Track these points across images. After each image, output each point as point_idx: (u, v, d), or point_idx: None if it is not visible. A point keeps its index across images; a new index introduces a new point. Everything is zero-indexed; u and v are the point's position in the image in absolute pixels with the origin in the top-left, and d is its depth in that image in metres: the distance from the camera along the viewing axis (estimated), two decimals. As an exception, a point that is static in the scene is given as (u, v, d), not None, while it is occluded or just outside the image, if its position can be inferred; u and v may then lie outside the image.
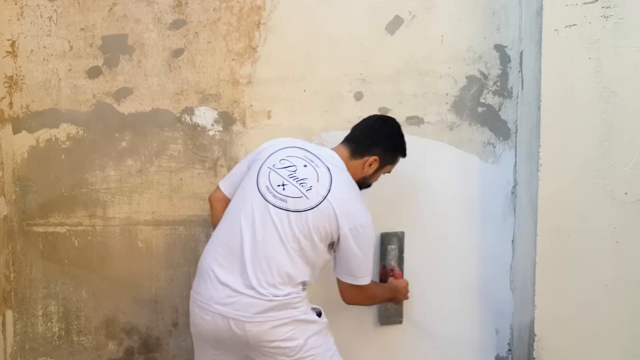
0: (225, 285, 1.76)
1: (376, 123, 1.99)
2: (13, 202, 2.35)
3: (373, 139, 1.94)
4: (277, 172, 1.82)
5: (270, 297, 1.73)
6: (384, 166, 1.97)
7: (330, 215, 1.76)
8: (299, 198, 1.77)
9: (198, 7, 2.26)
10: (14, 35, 2.30)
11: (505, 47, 2.22)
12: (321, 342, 1.81)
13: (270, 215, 1.76)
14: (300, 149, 1.89)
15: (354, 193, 1.85)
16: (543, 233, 1.98)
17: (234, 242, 1.78)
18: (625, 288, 1.97)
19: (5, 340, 2.37)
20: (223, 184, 1.99)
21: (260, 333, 1.73)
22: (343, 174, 1.86)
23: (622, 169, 1.95)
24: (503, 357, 2.31)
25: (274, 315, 1.74)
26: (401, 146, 2.00)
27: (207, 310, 1.78)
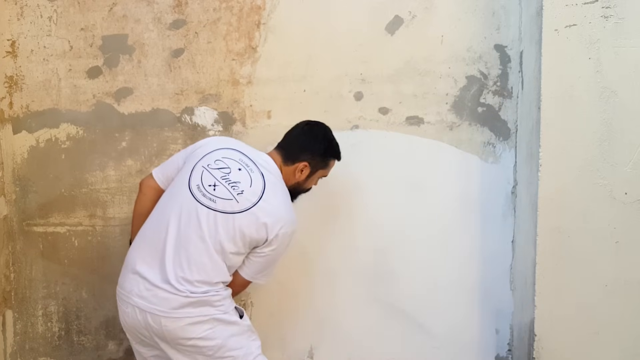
0: (144, 278, 1.76)
1: (303, 129, 1.98)
2: (13, 202, 2.35)
3: (300, 145, 1.93)
4: (210, 172, 1.82)
5: (187, 294, 1.72)
6: (316, 171, 1.96)
7: (258, 222, 1.76)
8: (228, 200, 1.77)
9: (198, 7, 2.26)
10: (14, 35, 2.30)
11: (505, 47, 2.22)
12: (242, 345, 1.80)
13: (197, 213, 1.76)
14: (237, 151, 1.88)
15: (285, 201, 1.84)
16: (543, 233, 1.98)
17: (159, 238, 1.78)
18: (625, 288, 1.97)
19: (5, 340, 2.37)
20: (157, 173, 1.96)
21: (177, 329, 1.73)
22: (276, 180, 1.86)
23: (622, 169, 1.94)
24: (503, 357, 2.31)
25: (191, 312, 1.73)
26: (331, 150, 1.97)
27: (127, 303, 1.78)
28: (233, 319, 1.80)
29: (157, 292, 1.73)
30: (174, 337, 1.74)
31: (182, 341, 1.74)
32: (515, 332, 2.25)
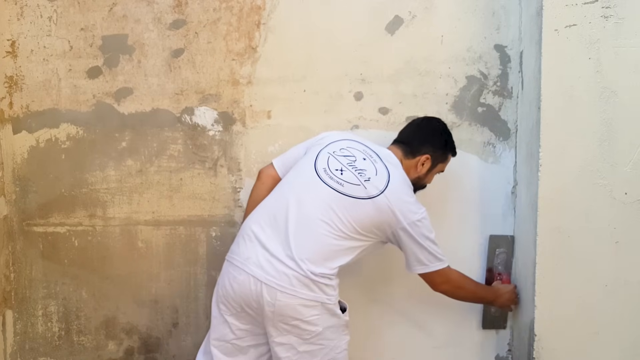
0: (265, 249, 1.77)
1: (422, 123, 2.06)
2: (13, 202, 2.35)
3: (421, 138, 1.99)
4: (337, 158, 1.86)
5: (305, 273, 1.73)
6: (436, 165, 2.02)
7: (387, 210, 1.80)
8: (356, 185, 1.81)
9: (198, 7, 2.26)
10: (14, 35, 2.30)
11: (505, 47, 2.22)
12: (335, 337, 1.84)
13: (324, 194, 1.79)
14: (360, 143, 1.95)
15: (409, 190, 1.90)
16: (543, 233, 1.98)
17: (281, 212, 1.80)
18: (625, 288, 1.97)
19: (5, 340, 2.37)
20: (277, 162, 2.02)
21: (289, 306, 1.74)
22: (399, 171, 1.91)
23: (622, 169, 1.94)
24: (503, 357, 2.31)
25: (306, 294, 1.75)
26: (450, 143, 2.05)
27: (241, 270, 1.78)
28: (337, 311, 1.84)
29: (278, 265, 1.74)
30: (282, 313, 1.75)
31: (288, 319, 1.76)
32: (515, 332, 2.25)
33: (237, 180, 2.31)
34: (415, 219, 1.83)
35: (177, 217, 2.33)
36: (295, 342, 1.78)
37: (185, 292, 2.35)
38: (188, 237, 2.34)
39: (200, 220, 2.33)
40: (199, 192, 2.32)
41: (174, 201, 2.32)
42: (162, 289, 2.35)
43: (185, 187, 2.32)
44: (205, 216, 2.32)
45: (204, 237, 2.33)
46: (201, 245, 2.34)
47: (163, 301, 2.36)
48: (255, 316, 1.80)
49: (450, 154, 2.07)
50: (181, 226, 2.33)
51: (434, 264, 1.90)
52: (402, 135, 2.05)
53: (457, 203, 2.27)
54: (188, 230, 2.34)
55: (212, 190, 2.32)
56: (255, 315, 1.80)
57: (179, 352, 2.37)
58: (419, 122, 2.07)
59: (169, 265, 2.34)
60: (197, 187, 2.32)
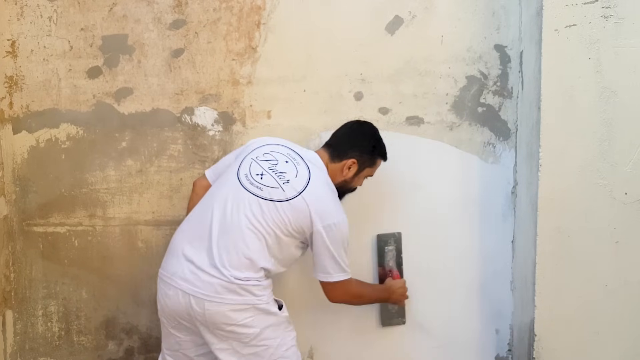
0: (189, 261, 1.80)
1: (352, 127, 2.04)
2: (13, 202, 2.35)
3: (350, 142, 1.99)
4: (258, 163, 1.89)
5: (230, 279, 1.75)
6: (363, 169, 2.01)
7: (304, 211, 1.80)
8: (274, 188, 1.83)
9: (198, 7, 2.26)
10: (14, 35, 2.30)
11: (505, 47, 2.22)
12: (277, 335, 1.84)
13: (244, 200, 1.81)
14: (285, 147, 1.96)
15: (330, 192, 1.89)
16: (543, 233, 1.98)
17: (205, 222, 1.83)
18: (625, 288, 1.97)
19: (5, 340, 2.37)
20: (209, 172, 2.06)
21: (219, 313, 1.76)
22: (322, 174, 1.92)
23: (622, 169, 1.95)
24: (503, 357, 2.31)
25: (234, 299, 1.76)
26: (379, 149, 2.03)
27: (170, 285, 1.81)
28: (273, 310, 1.83)
29: (202, 275, 1.77)
30: (215, 321, 1.76)
31: (222, 326, 1.77)
32: (515, 332, 2.25)
33: (237, 180, 2.30)
34: (331, 222, 1.82)
35: (177, 217, 2.32)
36: (237, 346, 1.79)
37: (185, 292, 2.35)
38: (188, 237, 2.34)
39: (200, 220, 2.33)
40: (199, 192, 2.32)
41: (174, 201, 2.32)
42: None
43: (185, 187, 2.31)
44: (205, 216, 2.32)
45: (204, 237, 2.33)
46: (201, 245, 2.34)
47: (163, 301, 2.36)
48: (192, 327, 1.83)
49: (380, 159, 2.05)
50: (181, 226, 2.33)
51: (337, 275, 1.89)
52: (331, 139, 2.05)
53: (457, 203, 2.27)
54: (188, 230, 2.34)
55: (212, 190, 2.32)
56: (192, 327, 1.83)
57: (179, 352, 2.37)
58: (349, 125, 2.06)
59: (169, 265, 2.34)
60: (197, 187, 2.32)
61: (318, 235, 1.82)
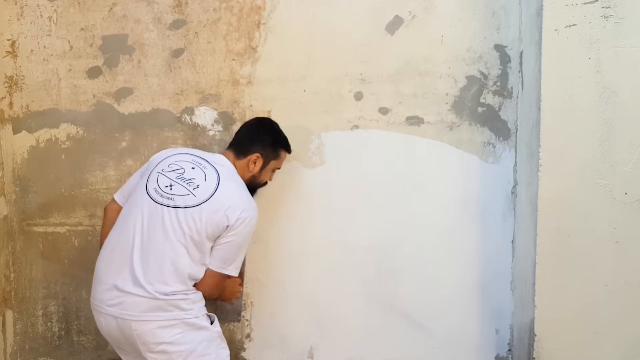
0: (113, 286, 1.79)
1: (251, 124, 2.12)
2: (13, 202, 2.35)
3: (250, 138, 2.05)
4: (165, 175, 1.89)
5: (156, 295, 1.75)
6: (269, 162, 2.07)
7: (218, 210, 1.81)
8: (186, 196, 1.83)
9: (198, 7, 2.26)
10: (14, 35, 2.30)
11: (505, 47, 2.22)
12: (211, 351, 1.83)
13: (159, 214, 1.81)
14: (189, 154, 1.97)
15: (241, 188, 1.93)
16: (543, 233, 1.98)
17: (124, 244, 1.82)
18: (625, 288, 1.96)
19: (5, 340, 2.37)
20: (117, 196, 2.04)
21: (147, 333, 1.75)
22: (230, 172, 1.95)
23: (622, 169, 1.94)
24: (503, 357, 2.31)
25: (161, 315, 1.76)
26: (279, 141, 2.10)
27: (100, 313, 1.82)
28: (203, 324, 1.83)
29: (126, 297, 1.76)
30: (144, 341, 1.76)
31: (152, 346, 1.76)
32: (515, 332, 2.25)
33: (237, 180, 2.31)
34: (244, 216, 1.83)
35: (177, 217, 2.33)
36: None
37: (185, 292, 2.35)
38: (188, 237, 2.34)
39: (200, 220, 2.33)
40: (199, 192, 2.32)
41: (174, 201, 2.32)
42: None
43: (185, 187, 2.31)
44: (205, 216, 2.32)
45: (204, 237, 2.33)
46: (201, 245, 2.34)
47: (163, 301, 2.36)
48: (132, 351, 1.83)
49: (283, 150, 2.11)
50: (181, 226, 2.33)
51: (230, 267, 1.88)
52: (234, 138, 2.09)
53: (457, 203, 2.27)
54: (188, 230, 2.33)
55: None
56: (131, 350, 1.83)
57: (179, 352, 2.37)
58: (249, 123, 2.13)
59: (169, 265, 2.34)
60: (197, 187, 2.32)
61: (229, 229, 1.82)
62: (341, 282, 2.32)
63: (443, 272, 2.30)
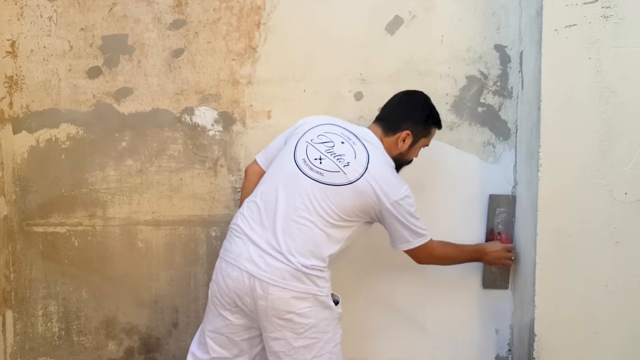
0: (256, 244, 1.79)
1: (402, 98, 2.02)
2: (13, 202, 2.35)
3: (401, 114, 1.97)
4: (315, 147, 1.86)
5: (296, 266, 1.76)
6: (418, 140, 1.99)
7: (369, 191, 1.80)
8: (336, 172, 1.81)
9: (198, 7, 2.26)
10: (14, 35, 2.30)
11: (505, 47, 2.22)
12: (330, 330, 1.84)
13: (306, 186, 1.80)
14: (337, 126, 1.93)
15: (390, 169, 1.89)
16: (543, 233, 1.98)
17: (268, 209, 1.82)
18: (625, 288, 1.97)
19: (5, 340, 2.37)
20: (260, 157, 2.03)
21: (281, 299, 1.76)
22: (379, 151, 1.90)
23: (622, 169, 1.94)
24: (503, 357, 2.31)
25: (298, 287, 1.77)
26: (432, 117, 2.00)
27: (234, 266, 1.80)
28: (330, 304, 1.84)
29: (268, 259, 1.77)
30: (275, 307, 1.77)
31: (281, 313, 1.77)
32: (515, 332, 2.25)
33: (237, 180, 2.31)
34: (398, 198, 1.83)
35: (177, 217, 2.33)
36: (290, 337, 1.80)
37: (185, 292, 2.35)
38: (188, 237, 2.34)
39: (200, 220, 2.33)
40: (199, 192, 2.32)
41: (174, 201, 2.32)
42: (162, 289, 2.36)
43: (185, 187, 2.32)
44: (205, 216, 2.32)
45: (203, 237, 2.33)
46: (201, 245, 2.34)
47: (163, 301, 2.36)
48: (249, 312, 1.82)
49: (434, 128, 2.03)
50: (181, 226, 2.33)
51: (416, 240, 1.91)
52: (382, 112, 2.02)
53: (457, 203, 2.27)
54: (188, 230, 2.34)
55: (212, 190, 2.32)
56: (249, 312, 1.82)
57: (179, 352, 2.37)
58: (399, 97, 2.03)
59: (169, 265, 2.34)
60: (197, 187, 2.32)
61: (387, 212, 1.83)
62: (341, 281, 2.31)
63: (443, 272, 2.30)
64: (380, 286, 2.32)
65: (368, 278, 2.31)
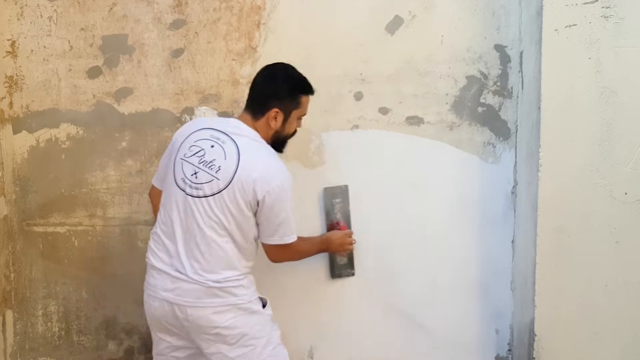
0: (167, 274, 1.81)
1: (262, 76, 1.91)
2: (13, 202, 2.35)
3: (264, 93, 1.88)
4: (188, 161, 1.83)
5: (207, 284, 1.77)
6: (290, 113, 1.89)
7: (245, 186, 1.75)
8: (211, 182, 1.78)
9: (198, 7, 2.26)
10: (14, 35, 2.30)
11: (505, 47, 2.22)
12: (263, 335, 1.84)
13: (192, 206, 1.79)
14: (206, 129, 1.86)
15: (265, 157, 1.82)
16: (543, 233, 1.98)
17: (169, 236, 1.83)
18: (625, 288, 1.97)
19: (5, 340, 2.37)
20: (155, 181, 2.01)
21: (202, 318, 1.77)
22: (251, 140, 1.83)
23: (622, 169, 1.95)
24: (503, 357, 2.31)
25: (215, 302, 1.78)
26: (297, 87, 1.90)
27: (155, 298, 1.84)
28: (255, 308, 1.84)
29: (181, 284, 1.79)
30: (199, 325, 1.78)
31: (207, 329, 1.78)
32: (515, 332, 2.25)
33: (237, 180, 2.30)
34: (273, 186, 1.76)
35: (177, 217, 2.33)
36: (225, 350, 1.80)
37: (185, 292, 2.35)
38: (188, 237, 2.34)
39: (200, 220, 2.33)
40: (199, 192, 2.32)
41: (174, 201, 2.32)
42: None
43: (185, 187, 2.31)
44: (205, 216, 2.32)
45: (204, 237, 2.33)
46: (201, 245, 2.34)
47: (163, 301, 2.36)
48: (182, 334, 1.85)
49: (302, 96, 1.91)
50: (181, 226, 2.33)
51: (285, 238, 1.84)
52: (248, 97, 1.92)
53: (457, 203, 2.27)
54: (188, 230, 2.33)
55: (212, 190, 2.31)
56: (182, 334, 1.84)
57: (179, 352, 2.37)
58: (258, 75, 1.92)
59: (169, 265, 2.34)
60: (197, 187, 2.32)
61: (262, 203, 1.77)
62: (341, 281, 2.32)
63: (443, 272, 2.30)
64: (380, 286, 2.31)
65: (368, 278, 2.31)
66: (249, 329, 1.81)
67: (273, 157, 1.85)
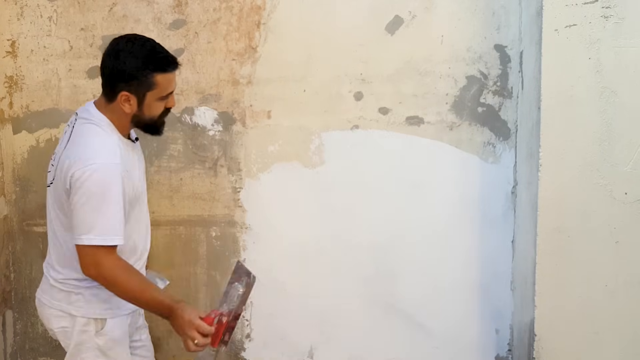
0: None
1: (107, 55, 1.62)
2: (13, 202, 2.35)
3: (109, 77, 1.60)
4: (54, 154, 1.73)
5: (51, 280, 1.70)
6: (144, 95, 1.60)
7: (62, 176, 1.57)
8: (50, 172, 1.69)
9: (198, 7, 2.26)
10: (14, 35, 2.30)
11: (505, 47, 2.22)
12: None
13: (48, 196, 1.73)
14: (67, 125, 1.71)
15: (90, 141, 1.58)
16: (543, 233, 1.98)
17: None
18: (625, 288, 1.97)
19: (5, 340, 2.37)
20: None
21: (44, 317, 1.73)
22: (91, 124, 1.61)
23: (622, 169, 1.94)
24: (503, 357, 2.31)
25: (51, 302, 1.69)
26: (143, 67, 1.58)
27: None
28: (85, 328, 1.65)
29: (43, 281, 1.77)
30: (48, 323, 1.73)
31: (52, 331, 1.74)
32: (515, 332, 2.25)
33: (237, 180, 2.31)
34: (74, 171, 1.52)
35: (177, 217, 2.33)
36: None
37: (185, 292, 2.35)
38: (188, 237, 2.34)
39: (200, 220, 2.33)
40: (199, 192, 2.32)
41: (174, 201, 2.32)
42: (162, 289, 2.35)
43: (185, 187, 2.32)
44: (205, 216, 2.32)
45: (204, 237, 2.33)
46: (201, 245, 2.34)
47: (163, 301, 2.36)
48: None
49: (157, 74, 1.59)
50: (181, 226, 2.33)
51: (77, 237, 1.54)
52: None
53: (457, 203, 2.27)
54: (188, 230, 2.34)
55: (212, 190, 2.32)
56: None
57: (179, 352, 2.37)
58: (106, 54, 1.62)
59: (169, 265, 2.34)
60: (197, 187, 2.32)
61: (68, 191, 1.56)
62: (341, 281, 2.32)
63: (443, 272, 2.30)
64: (380, 286, 2.31)
65: (368, 278, 2.31)
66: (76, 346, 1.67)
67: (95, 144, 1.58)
